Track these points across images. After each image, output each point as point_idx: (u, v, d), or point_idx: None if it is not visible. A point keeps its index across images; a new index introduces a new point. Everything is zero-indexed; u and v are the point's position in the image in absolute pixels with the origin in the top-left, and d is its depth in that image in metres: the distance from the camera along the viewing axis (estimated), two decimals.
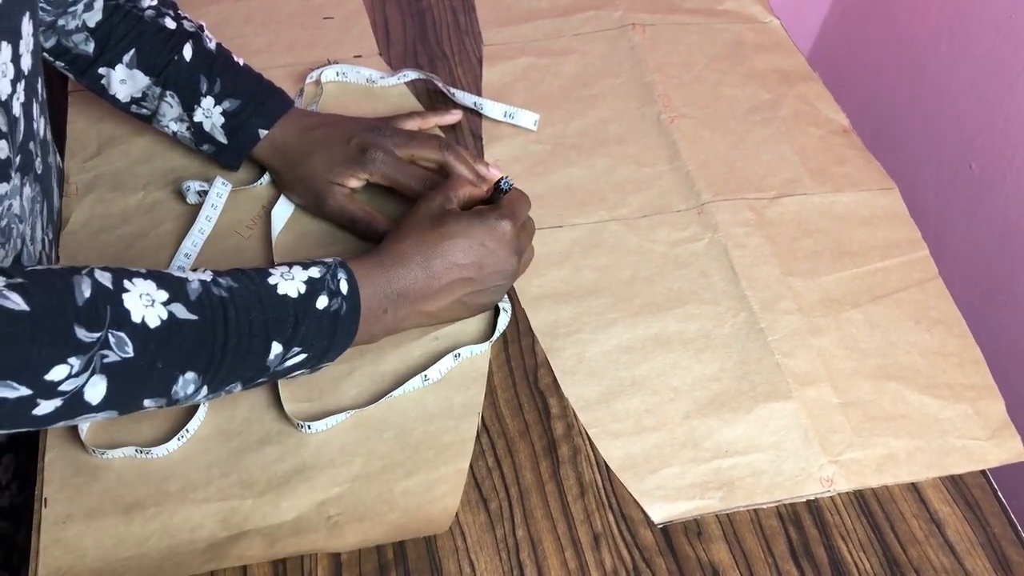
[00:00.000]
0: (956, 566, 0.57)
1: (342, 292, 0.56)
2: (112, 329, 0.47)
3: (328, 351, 0.56)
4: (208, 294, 0.51)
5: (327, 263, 0.57)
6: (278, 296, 0.54)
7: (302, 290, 0.54)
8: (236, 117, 0.70)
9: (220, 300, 0.51)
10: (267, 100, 0.71)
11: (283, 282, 0.54)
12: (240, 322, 0.52)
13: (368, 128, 0.71)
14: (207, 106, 0.70)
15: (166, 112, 0.71)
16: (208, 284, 0.52)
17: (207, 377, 0.52)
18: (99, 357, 0.47)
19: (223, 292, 0.52)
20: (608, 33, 0.90)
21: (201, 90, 0.70)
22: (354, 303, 0.56)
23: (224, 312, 0.51)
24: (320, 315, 0.55)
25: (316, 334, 0.55)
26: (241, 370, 0.53)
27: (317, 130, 0.71)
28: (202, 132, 0.71)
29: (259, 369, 0.54)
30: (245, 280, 0.53)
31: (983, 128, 1.11)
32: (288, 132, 0.71)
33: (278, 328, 0.53)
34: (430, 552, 0.56)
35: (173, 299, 0.50)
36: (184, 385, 0.51)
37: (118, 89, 0.71)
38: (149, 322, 0.49)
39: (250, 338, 0.52)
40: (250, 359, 0.53)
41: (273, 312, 0.53)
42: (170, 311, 0.50)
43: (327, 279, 0.56)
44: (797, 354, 0.66)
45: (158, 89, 0.70)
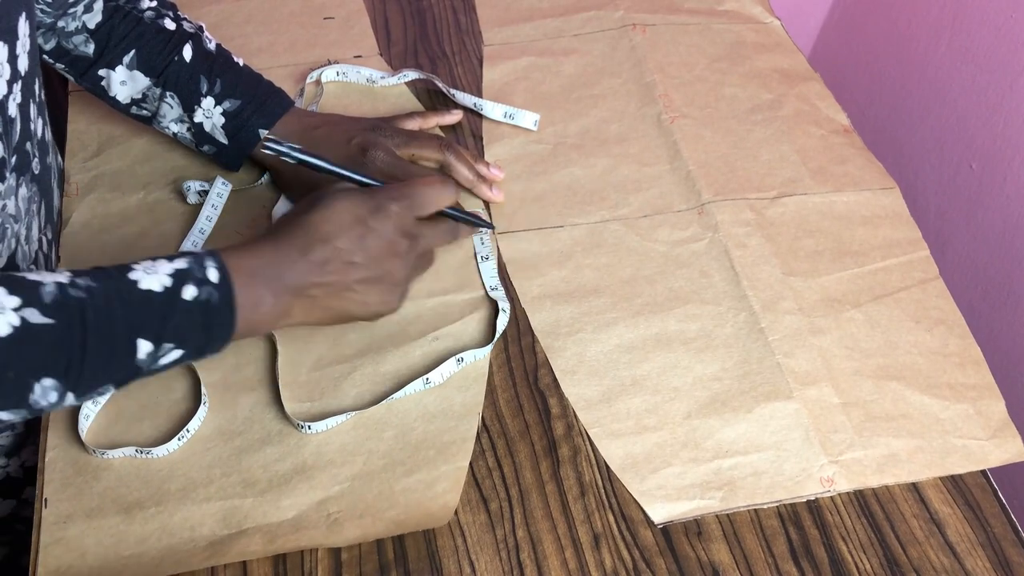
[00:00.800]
0: (956, 566, 0.57)
1: (211, 281, 0.52)
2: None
3: (206, 345, 0.53)
4: (64, 296, 0.48)
5: (196, 253, 0.53)
6: (140, 292, 0.50)
7: (167, 283, 0.51)
8: (236, 117, 0.70)
9: (78, 301, 0.48)
10: (267, 100, 0.71)
11: (145, 277, 0.51)
12: (100, 323, 0.48)
13: (369, 128, 0.71)
14: (207, 107, 0.70)
15: (166, 113, 0.71)
16: (64, 286, 0.48)
17: (68, 383, 0.48)
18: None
19: (80, 292, 0.48)
20: (609, 33, 0.89)
21: (201, 91, 0.70)
22: (227, 292, 0.52)
23: (82, 314, 0.48)
24: (189, 307, 0.51)
25: (188, 328, 0.51)
26: (108, 372, 0.50)
27: (318, 130, 0.71)
28: (203, 133, 0.71)
29: (130, 369, 0.51)
30: (104, 278, 0.50)
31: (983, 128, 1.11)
32: (288, 132, 0.71)
33: (143, 326, 0.50)
34: (430, 552, 0.56)
35: (26, 304, 0.47)
36: (43, 393, 0.48)
37: (118, 90, 0.71)
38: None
39: (112, 339, 0.49)
40: (115, 360, 0.50)
41: (135, 309, 0.50)
42: (22, 317, 0.46)
43: (193, 268, 0.52)
44: (798, 354, 0.66)
45: (158, 90, 0.70)
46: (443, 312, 0.67)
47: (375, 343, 0.64)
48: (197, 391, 0.61)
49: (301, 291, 0.55)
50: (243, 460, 0.59)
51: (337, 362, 0.63)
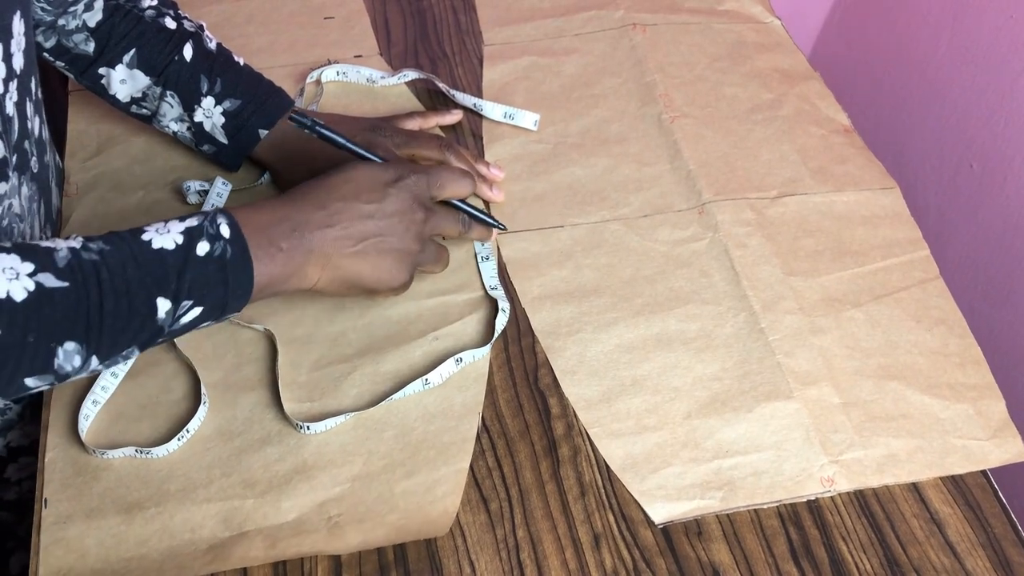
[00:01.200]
0: (956, 566, 0.57)
1: (223, 235, 0.53)
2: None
3: (227, 301, 0.53)
4: (78, 259, 0.49)
5: (205, 212, 0.54)
6: (153, 251, 0.51)
7: (179, 241, 0.52)
8: (237, 117, 0.70)
9: (91, 263, 0.49)
10: (267, 100, 0.71)
11: (157, 236, 0.51)
12: (115, 283, 0.49)
13: (368, 128, 0.71)
14: (207, 106, 0.70)
15: (166, 112, 0.71)
16: (77, 250, 0.49)
17: (91, 346, 0.49)
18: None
19: (94, 256, 0.49)
20: (609, 33, 0.89)
21: (202, 90, 0.70)
22: (240, 245, 0.53)
23: (97, 275, 0.49)
24: (203, 262, 0.52)
25: (205, 283, 0.52)
26: (129, 333, 0.50)
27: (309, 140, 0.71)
28: (203, 132, 0.71)
29: (153, 330, 0.51)
30: (117, 240, 0.51)
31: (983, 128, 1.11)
32: (288, 132, 0.71)
33: (160, 284, 0.50)
34: (430, 552, 0.56)
35: (40, 269, 0.47)
36: (67, 357, 0.49)
37: (118, 89, 0.71)
38: (15, 295, 0.46)
39: (129, 297, 0.49)
40: (135, 320, 0.50)
41: (150, 267, 0.50)
42: (37, 281, 0.47)
43: (205, 225, 0.53)
44: (798, 354, 0.66)
45: (158, 89, 0.70)
46: (443, 312, 0.66)
47: (375, 343, 0.64)
48: (197, 391, 0.61)
49: (316, 244, 0.56)
50: (243, 460, 0.59)
51: (337, 362, 0.63)
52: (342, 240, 0.57)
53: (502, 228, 0.69)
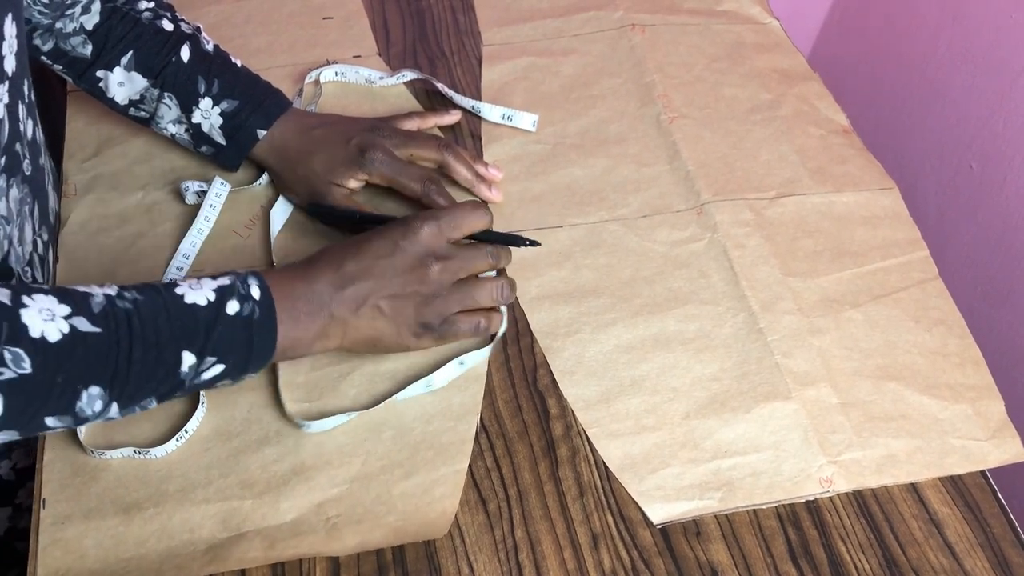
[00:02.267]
0: (955, 567, 0.57)
1: (253, 297, 0.54)
2: (8, 345, 0.45)
3: (248, 361, 0.54)
4: (112, 306, 0.49)
5: (238, 272, 0.55)
6: (185, 305, 0.52)
7: (211, 298, 0.52)
8: (234, 118, 0.70)
9: (125, 312, 0.50)
10: (265, 100, 0.71)
11: (190, 292, 0.52)
12: (146, 333, 0.50)
13: (367, 128, 0.71)
14: (205, 107, 0.70)
15: (164, 114, 0.71)
16: (112, 297, 0.50)
17: (114, 392, 0.50)
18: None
19: (127, 304, 0.50)
20: (608, 33, 0.89)
21: (199, 91, 0.70)
22: (268, 308, 0.54)
23: (129, 323, 0.49)
24: (232, 321, 0.52)
25: (231, 342, 0.53)
26: (152, 383, 0.51)
27: (316, 130, 0.71)
28: (200, 133, 0.71)
29: (173, 383, 0.52)
30: (151, 291, 0.52)
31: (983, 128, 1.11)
32: (287, 132, 0.71)
33: (187, 337, 0.51)
34: (428, 553, 0.56)
35: (75, 313, 0.48)
36: (89, 401, 0.49)
37: (116, 92, 0.71)
38: (49, 336, 0.47)
39: (158, 349, 0.50)
40: (160, 371, 0.51)
41: (180, 321, 0.51)
42: (72, 324, 0.48)
43: (236, 285, 0.54)
44: (797, 354, 0.66)
45: (156, 91, 0.70)
46: None
47: None
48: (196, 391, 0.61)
49: (332, 308, 0.57)
50: (241, 461, 0.59)
51: (337, 362, 0.63)
52: (354, 301, 0.57)
53: (536, 244, 0.66)
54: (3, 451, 0.68)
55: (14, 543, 0.73)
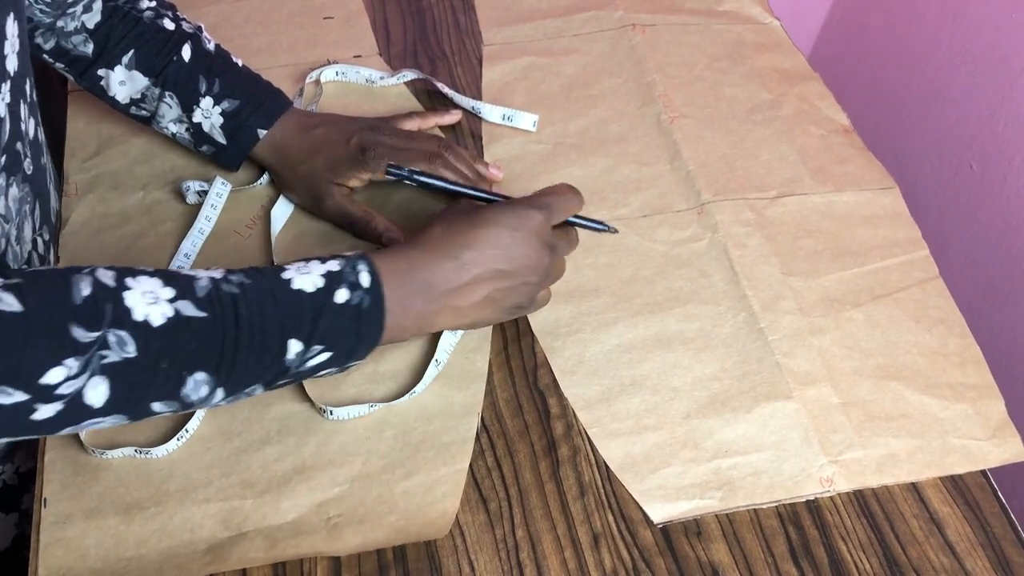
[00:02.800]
0: (956, 566, 0.57)
1: (363, 285, 0.53)
2: (112, 328, 0.45)
3: (355, 349, 0.53)
4: (218, 291, 0.49)
5: (347, 256, 0.54)
6: (292, 291, 0.51)
7: (319, 284, 0.51)
8: (235, 117, 0.70)
9: (231, 296, 0.49)
10: (266, 100, 0.71)
11: (298, 277, 0.51)
12: (252, 319, 0.49)
13: (367, 127, 0.71)
14: (206, 107, 0.70)
15: (165, 113, 0.71)
16: (218, 281, 0.50)
17: (220, 378, 0.49)
18: (98, 358, 0.45)
19: (234, 288, 0.49)
20: (608, 33, 0.89)
21: (200, 91, 0.70)
22: (377, 296, 0.53)
23: (235, 308, 0.49)
24: (340, 310, 0.52)
25: (338, 331, 0.52)
26: (258, 370, 0.50)
27: (317, 129, 0.71)
28: (201, 133, 0.71)
29: (279, 370, 0.51)
30: (258, 276, 0.51)
31: (983, 128, 1.11)
32: (287, 132, 0.71)
33: (295, 325, 0.50)
34: (429, 552, 0.56)
35: (180, 296, 0.48)
36: (195, 387, 0.49)
37: (117, 90, 0.71)
38: (152, 320, 0.46)
39: (264, 336, 0.49)
40: (266, 358, 0.50)
41: (288, 308, 0.50)
42: (176, 308, 0.47)
43: (346, 272, 0.53)
44: (797, 354, 0.66)
45: (157, 90, 0.70)
46: None
47: None
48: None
49: (448, 297, 0.56)
50: (242, 460, 0.59)
51: None
52: (472, 292, 0.57)
53: (614, 231, 0.66)
54: (5, 455, 0.68)
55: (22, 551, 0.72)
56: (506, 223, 0.57)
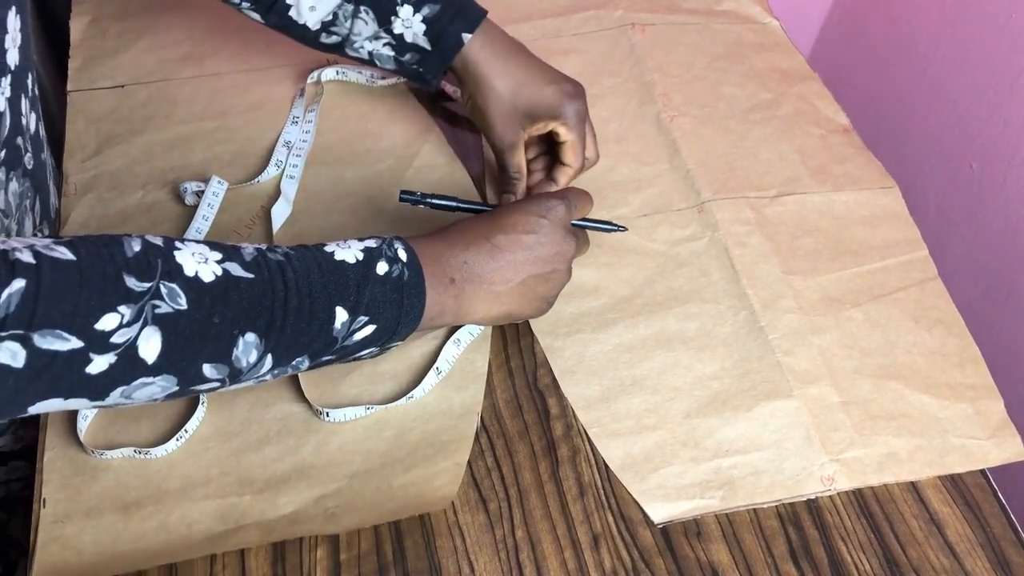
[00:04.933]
0: (956, 567, 0.57)
1: (401, 259, 0.54)
2: (164, 280, 0.45)
3: (399, 323, 0.54)
4: (264, 257, 0.50)
5: (382, 236, 0.55)
6: (336, 261, 0.52)
7: (359, 256, 0.53)
8: (437, 23, 0.67)
9: (277, 263, 0.50)
10: (464, 5, 0.68)
11: (339, 250, 0.53)
12: (300, 284, 0.50)
13: (569, 81, 0.70)
14: (405, 16, 0.67)
15: (361, 31, 0.68)
16: (263, 250, 0.50)
17: (270, 342, 0.49)
18: (150, 307, 0.44)
19: (279, 256, 0.50)
20: (608, 32, 0.89)
21: (397, 0, 0.67)
22: (416, 269, 0.54)
23: (282, 273, 0.49)
24: (382, 280, 0.52)
25: (382, 301, 0.52)
26: (306, 338, 0.50)
27: (520, 56, 0.70)
28: (404, 43, 0.69)
29: (327, 340, 0.51)
30: (301, 248, 0.52)
31: (983, 128, 1.11)
32: (490, 47, 0.69)
33: (340, 292, 0.51)
34: (429, 552, 0.56)
35: (227, 259, 0.48)
36: (245, 349, 0.48)
37: (308, 17, 0.68)
38: (203, 276, 0.47)
39: (311, 300, 0.50)
40: (315, 324, 0.50)
41: (332, 276, 0.51)
42: (225, 268, 0.48)
43: (383, 248, 0.54)
44: (798, 353, 0.66)
45: (350, 7, 0.68)
46: None
47: None
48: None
49: (484, 278, 0.57)
50: (241, 460, 0.59)
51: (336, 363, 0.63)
52: (507, 275, 0.58)
53: (623, 229, 0.68)
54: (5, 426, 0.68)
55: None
56: (534, 211, 0.59)
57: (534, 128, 0.70)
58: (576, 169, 0.71)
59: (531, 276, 0.59)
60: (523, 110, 0.69)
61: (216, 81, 0.82)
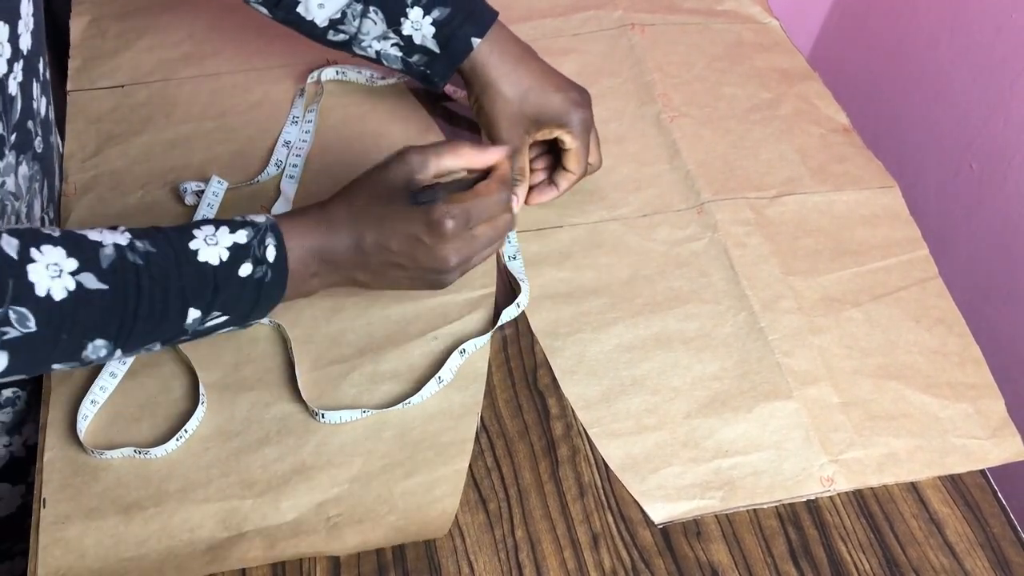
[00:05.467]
0: (955, 566, 0.57)
1: (268, 260, 0.54)
2: (13, 305, 0.46)
3: (251, 315, 0.56)
4: (122, 260, 0.50)
5: (258, 224, 0.54)
6: (197, 264, 0.52)
7: (224, 257, 0.52)
8: (447, 26, 0.67)
9: (134, 267, 0.50)
10: (476, 8, 0.68)
11: (205, 247, 0.52)
12: (154, 291, 0.50)
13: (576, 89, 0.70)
14: (415, 17, 0.67)
15: (369, 30, 0.68)
16: (123, 249, 0.50)
17: (119, 343, 0.51)
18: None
19: (138, 259, 0.50)
20: (608, 33, 0.89)
21: (407, 1, 0.67)
22: (280, 271, 0.55)
23: (137, 280, 0.50)
24: (243, 283, 0.53)
25: (237, 300, 0.54)
26: (156, 333, 0.52)
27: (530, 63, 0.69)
28: (413, 45, 0.68)
29: (176, 331, 0.53)
30: (164, 244, 0.52)
31: (983, 128, 1.11)
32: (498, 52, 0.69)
33: (196, 295, 0.52)
34: (429, 552, 0.56)
35: (83, 268, 0.48)
36: (94, 350, 0.50)
37: (316, 13, 0.68)
38: (55, 294, 0.47)
39: (164, 305, 0.51)
40: (165, 324, 0.52)
41: (191, 280, 0.52)
42: (78, 281, 0.48)
43: (253, 246, 0.53)
44: (797, 353, 0.66)
45: (359, 6, 0.67)
46: (442, 312, 0.66)
47: (374, 343, 0.64)
48: (195, 391, 0.61)
49: (348, 274, 0.58)
50: (241, 460, 0.59)
51: (336, 362, 0.63)
52: (371, 271, 0.59)
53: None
54: (13, 427, 0.68)
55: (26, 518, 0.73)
56: (415, 227, 0.56)
57: (539, 134, 0.70)
58: (578, 176, 0.71)
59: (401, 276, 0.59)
60: (530, 116, 0.69)
61: (216, 81, 0.82)
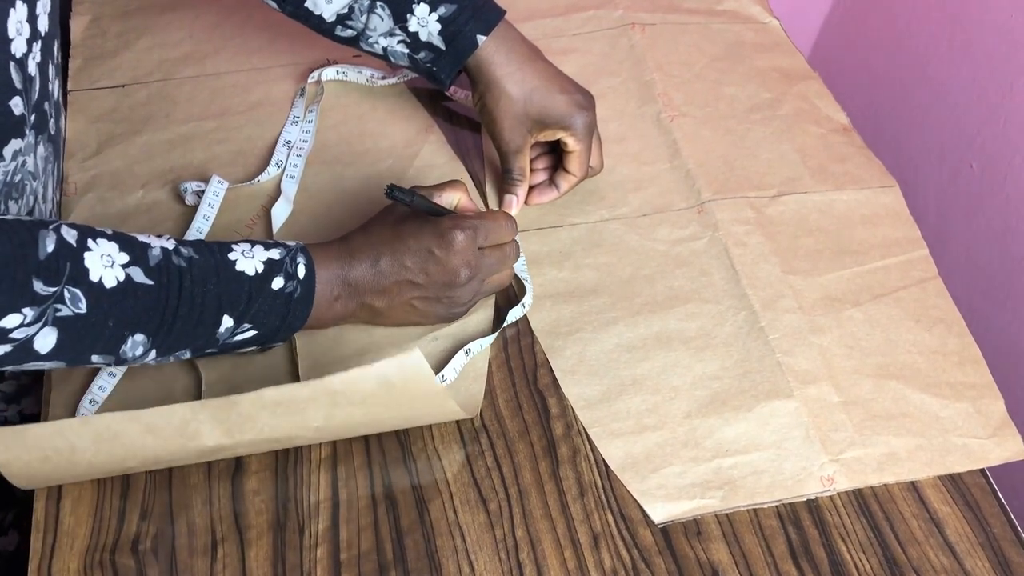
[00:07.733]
0: (956, 566, 0.57)
1: (298, 276, 0.57)
2: (69, 285, 0.49)
3: (279, 331, 0.58)
4: (167, 261, 0.53)
5: (289, 246, 0.58)
6: (235, 272, 0.55)
7: (259, 269, 0.56)
8: (453, 23, 0.68)
9: (178, 269, 0.53)
10: (482, 6, 0.68)
11: (242, 259, 0.56)
12: (194, 293, 0.54)
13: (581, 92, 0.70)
14: (421, 14, 0.67)
15: (376, 27, 0.69)
16: (169, 252, 0.54)
17: (156, 341, 0.53)
18: (52, 310, 0.49)
19: (182, 262, 0.54)
20: (608, 32, 0.89)
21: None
22: (309, 288, 0.58)
23: (180, 281, 0.53)
24: (274, 295, 0.56)
25: (268, 313, 0.56)
26: (190, 338, 0.55)
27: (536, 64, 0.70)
28: (419, 42, 0.69)
29: (209, 339, 0.56)
30: (206, 252, 0.55)
31: (983, 128, 1.11)
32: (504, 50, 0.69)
33: (231, 302, 0.55)
34: (429, 552, 0.56)
35: (133, 263, 0.52)
36: (133, 346, 0.53)
37: (323, 8, 0.69)
38: (106, 282, 0.50)
39: (202, 309, 0.54)
40: (200, 328, 0.54)
41: (228, 286, 0.55)
42: (128, 273, 0.51)
43: (286, 262, 0.57)
44: (798, 352, 0.66)
45: (366, 2, 0.68)
46: None
47: (375, 343, 0.64)
48: (196, 391, 0.61)
49: (367, 300, 0.61)
50: None
51: (337, 362, 0.63)
52: (389, 296, 0.61)
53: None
54: (12, 396, 0.68)
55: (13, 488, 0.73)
56: (426, 241, 0.60)
57: (542, 135, 0.70)
58: (579, 179, 0.72)
59: (416, 298, 0.61)
60: (533, 116, 0.69)
61: (216, 81, 0.82)
